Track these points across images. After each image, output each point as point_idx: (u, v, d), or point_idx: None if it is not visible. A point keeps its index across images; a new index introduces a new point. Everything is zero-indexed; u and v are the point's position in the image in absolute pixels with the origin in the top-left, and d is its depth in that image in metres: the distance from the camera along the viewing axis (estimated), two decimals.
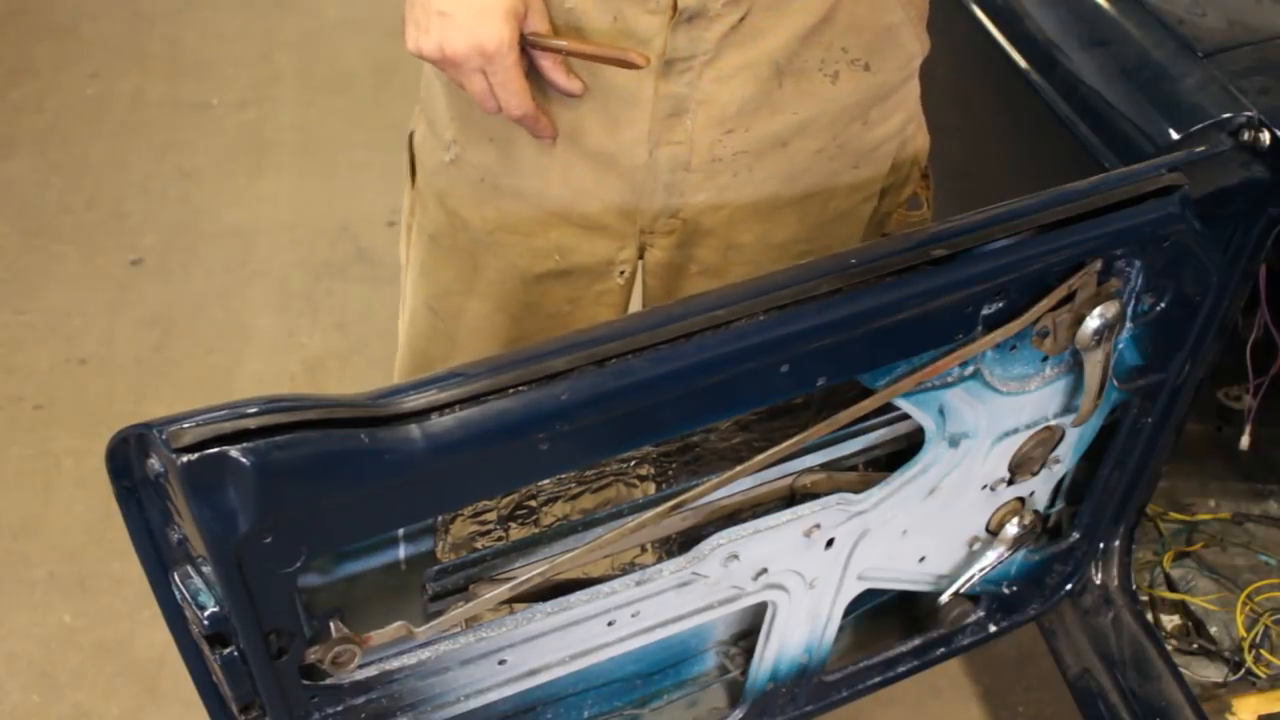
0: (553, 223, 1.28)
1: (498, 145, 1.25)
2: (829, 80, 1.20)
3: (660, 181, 1.23)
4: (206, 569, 0.90)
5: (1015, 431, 1.25)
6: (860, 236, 1.36)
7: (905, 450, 1.25)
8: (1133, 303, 1.19)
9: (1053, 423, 1.27)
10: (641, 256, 1.33)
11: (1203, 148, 1.24)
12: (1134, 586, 1.55)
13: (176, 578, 0.92)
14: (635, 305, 1.36)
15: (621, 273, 1.33)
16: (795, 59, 1.18)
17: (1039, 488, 1.35)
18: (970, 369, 1.15)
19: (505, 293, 1.34)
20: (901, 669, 1.44)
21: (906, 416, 1.19)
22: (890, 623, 1.46)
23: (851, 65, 1.20)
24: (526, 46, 1.13)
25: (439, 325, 1.42)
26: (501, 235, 1.30)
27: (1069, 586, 1.51)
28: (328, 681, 0.99)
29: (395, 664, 1.03)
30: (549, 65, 1.15)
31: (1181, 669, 1.51)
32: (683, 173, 1.23)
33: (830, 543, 1.21)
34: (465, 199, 1.31)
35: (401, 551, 1.07)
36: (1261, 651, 1.58)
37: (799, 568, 1.21)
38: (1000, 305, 1.09)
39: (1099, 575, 1.54)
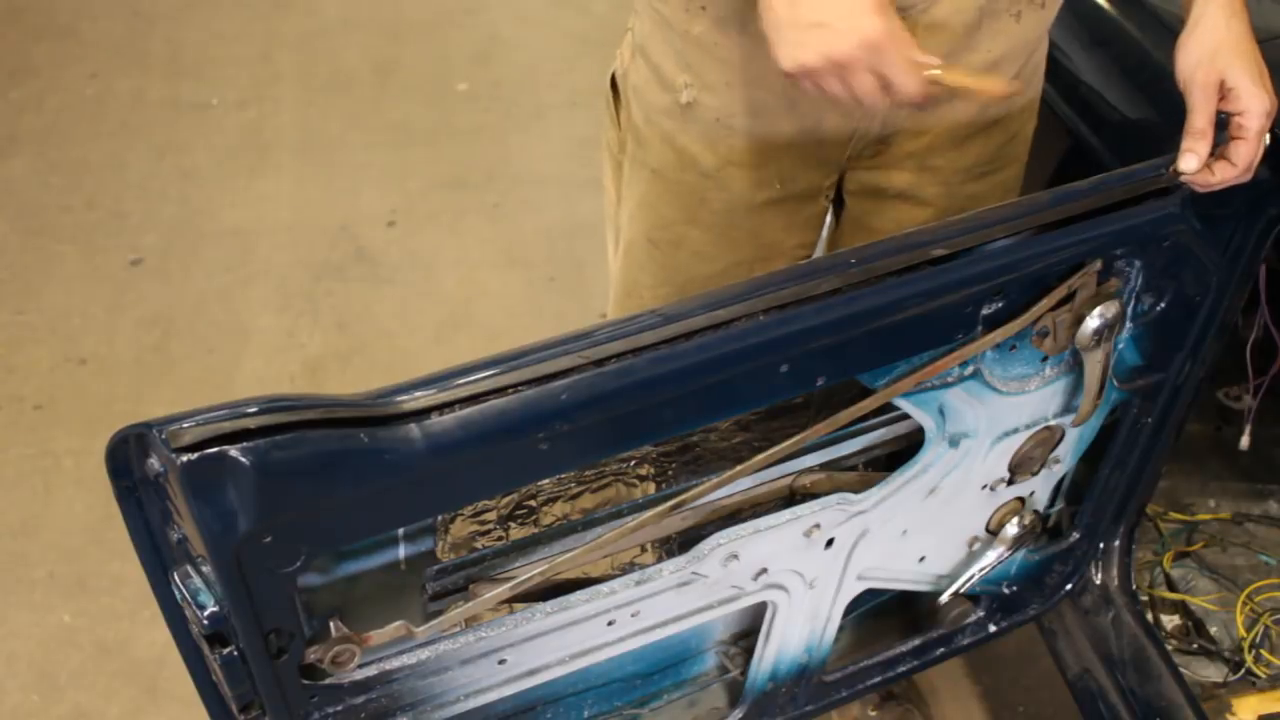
0: (776, 155, 1.40)
1: (733, 89, 1.35)
2: (1014, 19, 1.33)
3: (879, 113, 1.36)
4: (206, 569, 0.89)
5: (1015, 431, 1.25)
6: (1025, 154, 1.51)
7: (905, 450, 1.25)
8: (1133, 303, 1.19)
9: (1052, 423, 1.27)
10: (841, 180, 1.46)
11: None
12: (1134, 586, 1.55)
13: (176, 577, 0.92)
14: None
15: (827, 196, 1.48)
16: (994, 2, 1.30)
17: (1039, 488, 1.35)
18: (970, 369, 1.15)
19: (727, 222, 1.46)
20: (901, 669, 1.44)
21: (906, 416, 1.19)
22: (890, 623, 1.46)
23: (1030, 4, 1.34)
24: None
25: (656, 255, 1.53)
26: (730, 169, 1.42)
27: (1069, 586, 1.51)
28: (327, 681, 0.99)
29: (395, 663, 1.04)
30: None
31: (1181, 669, 1.51)
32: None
33: (830, 543, 1.20)
34: (697, 138, 1.41)
35: (401, 551, 1.06)
36: (1261, 651, 1.58)
37: (799, 568, 1.21)
38: (1000, 305, 1.09)
39: (1099, 575, 1.53)
